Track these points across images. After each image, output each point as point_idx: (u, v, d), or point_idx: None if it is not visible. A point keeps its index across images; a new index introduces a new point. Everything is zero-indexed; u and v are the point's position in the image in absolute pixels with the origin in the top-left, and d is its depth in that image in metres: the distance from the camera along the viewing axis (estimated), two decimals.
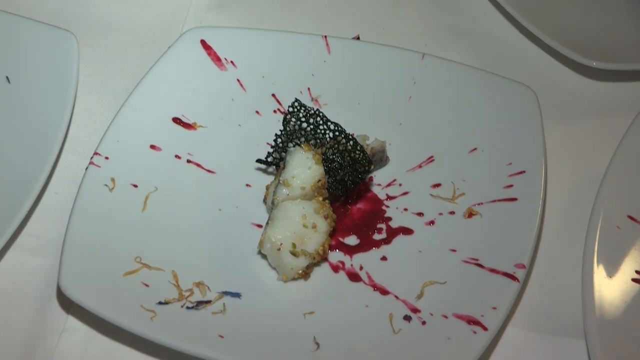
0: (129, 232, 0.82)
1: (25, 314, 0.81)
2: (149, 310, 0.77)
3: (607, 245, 0.80)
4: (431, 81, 0.91)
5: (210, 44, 0.92)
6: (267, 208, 0.84)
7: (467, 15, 1.00)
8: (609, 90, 0.94)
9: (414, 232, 0.84)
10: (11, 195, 0.83)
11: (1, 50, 0.92)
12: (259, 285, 0.81)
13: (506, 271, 0.79)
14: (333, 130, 0.85)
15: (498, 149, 0.87)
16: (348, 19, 0.99)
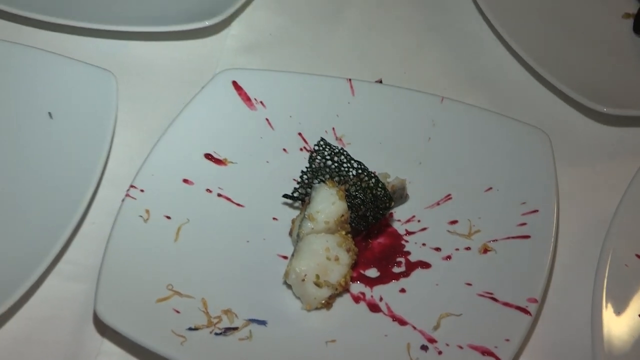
0: (161, 261, 0.83)
1: (63, 337, 0.81)
2: (180, 336, 0.77)
3: (616, 282, 0.80)
4: (450, 123, 0.91)
5: (241, 85, 0.93)
6: (293, 241, 0.84)
7: (484, 61, 1.00)
8: (619, 134, 0.94)
9: (431, 266, 0.84)
10: (51, 224, 0.83)
11: (45, 87, 0.93)
12: (283, 314, 0.81)
13: (519, 305, 0.79)
14: (356, 168, 0.85)
15: (512, 189, 0.87)
16: (371, 63, 1.00)
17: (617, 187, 0.86)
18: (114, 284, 0.80)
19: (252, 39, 1.02)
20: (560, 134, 0.91)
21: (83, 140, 0.89)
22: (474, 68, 1.00)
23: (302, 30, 1.03)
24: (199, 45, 1.01)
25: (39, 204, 0.86)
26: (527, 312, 0.78)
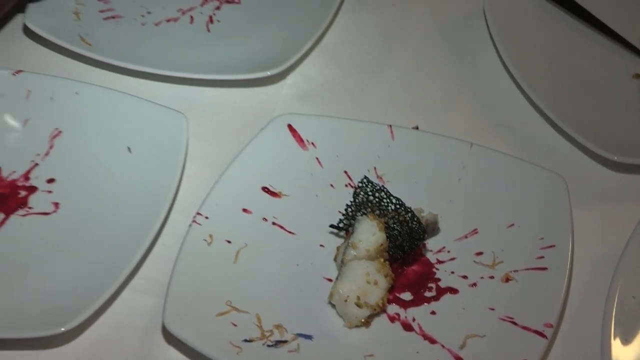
0: (222, 280, 0.83)
1: (134, 343, 0.81)
2: (236, 346, 0.77)
3: (623, 311, 0.79)
4: (477, 166, 0.91)
5: (296, 127, 0.93)
6: (337, 266, 0.84)
7: (508, 112, 1.00)
8: (627, 180, 0.94)
9: (459, 291, 0.83)
10: (128, 245, 0.84)
11: (126, 125, 0.93)
12: (327, 330, 0.81)
13: (536, 329, 0.78)
14: (394, 203, 0.85)
15: (532, 226, 0.86)
16: (409, 111, 1.00)
17: (626, 227, 0.85)
18: (180, 299, 0.80)
19: (305, 88, 1.02)
20: (576, 178, 0.90)
21: (157, 172, 0.90)
22: (499, 118, 1.00)
23: (349, 81, 1.04)
24: (260, 92, 1.01)
25: (118, 226, 0.86)
26: (543, 336, 0.78)
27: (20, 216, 0.89)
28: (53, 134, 0.94)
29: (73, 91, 0.96)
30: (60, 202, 0.90)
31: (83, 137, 0.94)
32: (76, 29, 1.04)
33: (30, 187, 0.91)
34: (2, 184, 0.91)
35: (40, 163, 0.93)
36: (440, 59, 1.05)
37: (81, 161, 0.92)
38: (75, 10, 1.06)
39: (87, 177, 0.91)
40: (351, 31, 1.08)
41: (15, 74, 0.97)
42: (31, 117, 0.95)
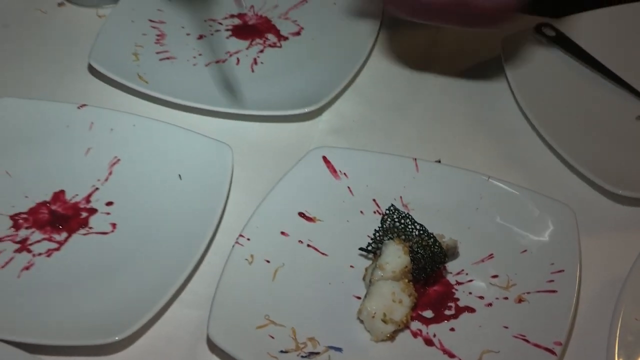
0: (261, 296, 0.83)
1: (181, 352, 0.81)
2: (273, 357, 0.77)
3: (627, 332, 0.78)
4: (494, 197, 0.90)
5: (330, 159, 0.93)
6: (366, 285, 0.84)
7: (522, 148, 1.00)
8: (631, 211, 0.93)
9: (476, 310, 0.83)
10: (177, 263, 0.84)
11: (177, 154, 0.94)
12: (356, 343, 0.80)
13: (547, 346, 0.77)
14: (418, 229, 0.85)
15: (543, 252, 0.85)
16: (432, 146, 1.00)
17: (629, 255, 0.84)
18: (223, 312, 0.80)
19: (339, 124, 1.02)
20: (584, 209, 0.89)
21: (204, 197, 0.90)
22: (514, 154, 0.99)
23: (378, 118, 1.04)
24: (298, 127, 1.01)
25: (169, 246, 0.87)
26: (553, 353, 0.77)
27: (81, 235, 0.89)
28: (112, 161, 0.95)
29: (131, 124, 0.97)
30: (118, 223, 0.90)
31: (139, 165, 0.95)
32: (135, 69, 1.05)
33: (90, 209, 0.91)
34: (66, 206, 0.91)
35: (100, 187, 0.93)
36: (460, 100, 1.05)
37: (137, 186, 0.93)
38: (134, 52, 1.07)
39: (142, 201, 0.92)
40: (381, 74, 1.08)
41: (80, 107, 0.98)
42: (93, 146, 0.96)
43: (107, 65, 1.03)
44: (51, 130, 0.97)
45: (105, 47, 1.06)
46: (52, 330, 0.80)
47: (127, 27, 1.10)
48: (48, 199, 0.92)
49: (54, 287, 0.84)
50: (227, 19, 1.13)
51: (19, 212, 0.91)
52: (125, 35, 1.09)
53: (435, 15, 0.91)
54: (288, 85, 1.04)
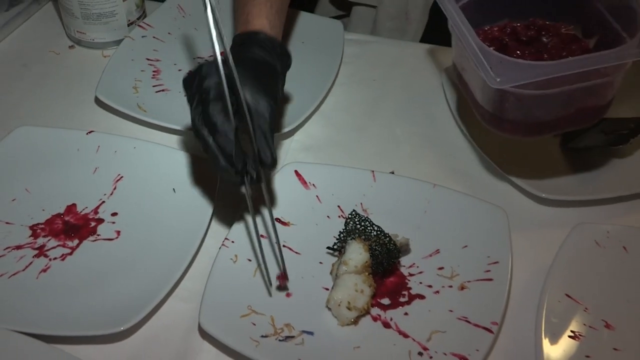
0: (244, 290, 0.82)
1: (177, 339, 0.80)
2: (255, 341, 0.76)
3: (552, 312, 0.78)
4: (439, 201, 0.90)
5: (301, 173, 0.93)
6: (333, 278, 0.83)
7: (463, 160, 0.99)
8: (554, 211, 0.93)
9: (425, 297, 0.82)
10: (172, 263, 0.83)
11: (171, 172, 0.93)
12: (325, 327, 0.79)
13: (485, 326, 0.77)
14: (376, 230, 0.84)
15: (481, 246, 0.85)
16: (387, 160, 0.99)
17: (552, 248, 0.84)
18: (212, 304, 0.79)
19: (308, 143, 1.01)
20: (514, 211, 0.90)
21: (195, 207, 0.89)
22: (456, 165, 0.98)
23: (341, 138, 1.03)
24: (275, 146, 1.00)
25: (165, 249, 0.86)
26: (491, 331, 0.77)
27: (90, 241, 0.88)
28: (116, 178, 0.94)
29: (132, 146, 0.96)
30: (122, 230, 0.89)
31: (139, 181, 0.93)
32: (135, 100, 1.04)
33: (98, 219, 0.90)
34: (77, 217, 0.90)
35: (106, 201, 0.92)
36: (410, 122, 1.05)
37: (137, 199, 0.92)
38: (134, 85, 1.06)
39: (142, 211, 0.90)
40: (343, 100, 1.08)
41: (88, 133, 0.97)
42: (100, 166, 0.95)
43: (111, 97, 1.02)
44: (63, 153, 0.96)
45: (110, 82, 1.05)
46: (66, 322, 0.79)
47: (128, 65, 1.09)
48: (62, 211, 0.90)
49: (68, 286, 0.83)
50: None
51: (37, 223, 0.89)
52: (126, 71, 1.08)
53: (547, 129, 0.84)
54: None
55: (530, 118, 0.82)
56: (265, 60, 0.82)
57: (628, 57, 0.77)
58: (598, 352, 0.76)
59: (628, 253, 0.84)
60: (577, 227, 0.85)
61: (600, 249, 0.84)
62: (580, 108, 0.82)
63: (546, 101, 0.80)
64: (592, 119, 0.86)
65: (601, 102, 0.83)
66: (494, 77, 0.75)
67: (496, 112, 0.83)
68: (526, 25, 0.88)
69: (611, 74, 0.80)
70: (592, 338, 0.77)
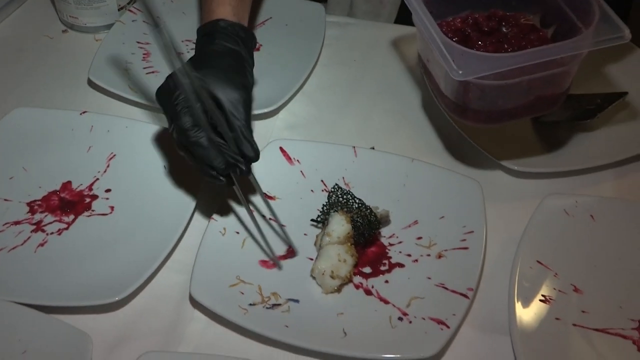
0: (232, 261, 0.81)
1: (170, 308, 0.79)
2: (243, 309, 0.76)
3: (524, 278, 0.78)
4: (417, 175, 0.89)
5: (285, 149, 0.91)
6: (317, 249, 0.82)
7: (441, 136, 0.98)
8: (525, 183, 0.92)
9: (405, 266, 0.81)
10: (164, 236, 0.82)
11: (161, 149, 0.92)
12: (310, 296, 0.79)
13: (461, 292, 0.77)
14: (358, 203, 0.83)
15: (457, 217, 0.84)
16: (367, 136, 0.98)
17: (524, 218, 0.84)
18: (202, 275, 0.78)
19: (292, 121, 1.00)
20: (488, 183, 0.89)
21: (184, 184, 0.88)
22: (434, 141, 0.97)
23: (324, 116, 1.02)
24: (260, 124, 0.99)
25: (157, 223, 0.85)
26: (466, 297, 0.76)
27: (85, 217, 0.87)
28: (109, 156, 0.92)
29: (124, 125, 0.95)
30: (115, 206, 0.87)
31: (131, 159, 0.92)
32: (126, 81, 1.02)
33: (93, 196, 0.89)
34: (73, 194, 0.89)
35: (100, 178, 0.90)
36: (390, 100, 1.04)
37: (130, 176, 0.90)
38: (126, 67, 1.04)
39: (135, 187, 0.89)
40: (325, 80, 1.06)
41: (81, 114, 0.95)
42: (93, 145, 0.93)
43: (103, 79, 1.01)
44: (59, 133, 0.94)
45: (102, 65, 1.03)
46: (63, 294, 0.78)
47: (119, 48, 1.07)
48: (58, 189, 0.89)
49: (64, 259, 0.82)
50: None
51: (34, 200, 0.88)
52: (117, 54, 1.06)
53: (507, 117, 0.84)
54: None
55: (492, 107, 0.82)
56: (229, 50, 0.81)
57: (583, 47, 0.77)
58: (567, 314, 0.76)
59: (595, 221, 0.83)
60: (547, 197, 0.85)
61: (569, 218, 0.83)
62: (539, 96, 0.82)
63: (507, 91, 0.80)
64: (551, 107, 0.85)
65: (559, 90, 0.83)
66: (457, 70, 0.75)
67: (459, 102, 0.83)
68: (487, 16, 0.88)
69: (567, 63, 0.80)
70: (562, 301, 0.77)
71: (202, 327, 0.77)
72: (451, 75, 0.75)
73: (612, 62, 1.03)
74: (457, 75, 0.75)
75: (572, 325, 0.75)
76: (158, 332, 0.77)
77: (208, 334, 0.77)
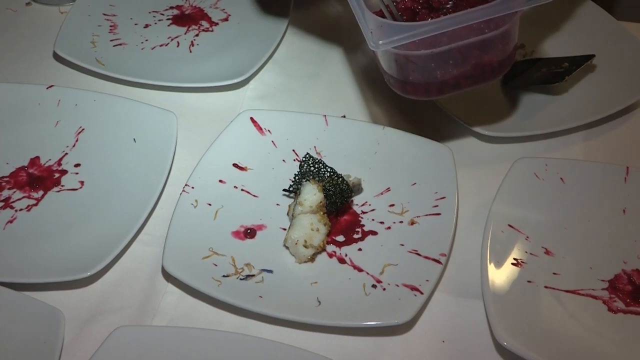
0: (205, 233, 0.79)
1: (143, 282, 0.77)
2: (217, 280, 0.74)
3: (496, 242, 0.77)
4: (388, 142, 0.87)
5: (256, 119, 0.89)
6: (290, 218, 0.80)
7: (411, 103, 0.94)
8: (496, 148, 0.91)
9: (378, 233, 0.80)
10: (135, 210, 0.80)
11: (131, 122, 0.89)
12: (284, 265, 0.77)
13: (434, 258, 0.76)
14: (329, 172, 0.82)
15: (429, 183, 0.83)
16: (339, 105, 0.96)
17: (495, 183, 0.83)
18: (175, 248, 0.76)
19: (263, 91, 0.98)
20: (459, 148, 0.88)
21: (155, 156, 0.86)
22: (405, 108, 0.95)
23: (294, 85, 0.99)
24: (230, 95, 0.97)
25: (128, 196, 0.82)
26: (439, 262, 0.75)
27: (55, 192, 0.84)
28: (78, 131, 0.90)
29: (92, 99, 0.92)
30: (85, 181, 0.85)
31: (100, 132, 0.89)
32: (93, 54, 0.99)
33: (62, 171, 0.86)
34: (41, 169, 0.86)
35: (69, 152, 0.88)
36: (360, 66, 1.01)
37: (99, 150, 0.88)
38: (92, 40, 1.01)
39: (104, 161, 0.87)
40: (294, 49, 1.04)
41: (48, 88, 0.92)
42: (61, 119, 0.90)
43: (69, 52, 0.97)
44: (25, 108, 0.91)
45: (68, 38, 0.99)
46: (34, 270, 0.75)
47: (85, 21, 1.03)
48: (26, 164, 0.86)
49: (35, 235, 0.79)
50: (167, 10, 1.07)
51: (2, 176, 0.85)
52: (83, 27, 1.02)
53: (449, 89, 0.80)
54: (220, 61, 0.99)
55: (431, 79, 0.78)
56: None
57: (503, 10, 0.72)
58: (539, 276, 0.75)
59: (565, 184, 0.83)
60: (517, 161, 0.83)
61: (540, 181, 0.82)
62: (478, 64, 0.78)
63: (440, 60, 0.77)
64: (495, 74, 0.80)
65: (499, 56, 0.79)
66: (376, 41, 0.72)
67: (396, 76, 0.80)
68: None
69: (498, 27, 0.75)
70: (533, 264, 0.76)
71: (176, 300, 0.76)
72: (370, 47, 0.72)
73: (578, 23, 1.02)
74: (375, 47, 0.72)
75: (544, 288, 0.75)
76: (131, 306, 0.75)
77: (182, 307, 0.75)
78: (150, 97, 0.94)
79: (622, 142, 0.91)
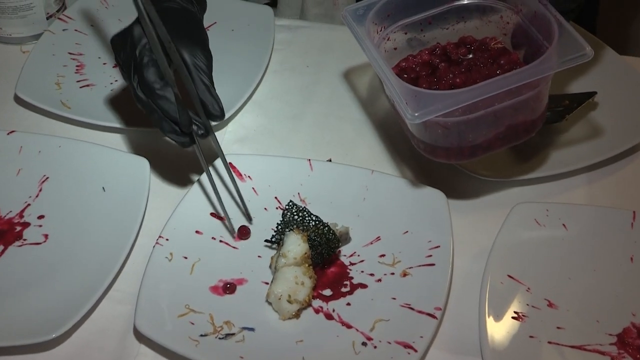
0: (181, 288, 0.81)
1: (113, 343, 0.79)
2: (194, 340, 0.76)
3: (494, 294, 0.79)
4: (378, 188, 0.90)
5: (235, 165, 0.92)
6: (272, 271, 0.83)
7: (400, 145, 0.99)
8: (495, 192, 0.94)
9: (368, 286, 0.82)
10: (104, 265, 0.82)
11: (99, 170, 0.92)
12: (266, 323, 0.79)
13: (429, 312, 0.78)
14: (315, 220, 0.84)
15: (422, 231, 0.86)
16: (323, 148, 0.99)
17: (493, 229, 0.85)
18: (148, 305, 0.78)
19: (242, 134, 1.01)
20: (453, 193, 0.91)
21: (126, 205, 0.88)
22: (393, 150, 0.99)
23: (276, 127, 1.02)
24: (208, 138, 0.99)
25: (96, 250, 0.84)
26: (434, 317, 0.77)
27: (17, 247, 0.86)
28: (41, 179, 0.92)
29: (57, 145, 0.94)
30: (49, 234, 0.87)
31: (66, 181, 0.92)
32: (58, 96, 1.02)
33: (24, 223, 0.88)
34: (1, 222, 0.88)
35: (32, 203, 0.90)
36: (346, 106, 1.05)
37: (65, 200, 0.90)
38: (57, 81, 1.04)
39: (70, 212, 0.89)
40: (276, 88, 1.07)
41: (9, 134, 0.95)
42: (23, 167, 0.93)
43: (32, 95, 1.00)
44: None
45: (30, 79, 1.02)
46: None
47: (49, 60, 1.07)
48: None
49: None
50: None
51: None
52: (47, 67, 1.05)
53: (482, 151, 0.84)
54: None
55: (463, 143, 0.83)
56: (186, 9, 0.82)
57: (539, 73, 0.77)
58: (541, 331, 0.77)
59: (568, 230, 0.85)
60: (516, 206, 0.86)
61: (540, 228, 0.85)
62: (510, 125, 0.83)
63: (473, 125, 0.81)
64: (527, 134, 0.86)
65: (531, 116, 0.84)
66: (412, 113, 0.76)
67: (427, 140, 0.84)
68: (456, 44, 0.90)
69: (530, 90, 0.80)
70: (536, 318, 0.78)
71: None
72: (407, 120, 0.77)
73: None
74: (412, 119, 0.76)
75: (547, 343, 0.77)
76: None
77: None
78: (121, 142, 0.97)
79: (627, 184, 0.94)
